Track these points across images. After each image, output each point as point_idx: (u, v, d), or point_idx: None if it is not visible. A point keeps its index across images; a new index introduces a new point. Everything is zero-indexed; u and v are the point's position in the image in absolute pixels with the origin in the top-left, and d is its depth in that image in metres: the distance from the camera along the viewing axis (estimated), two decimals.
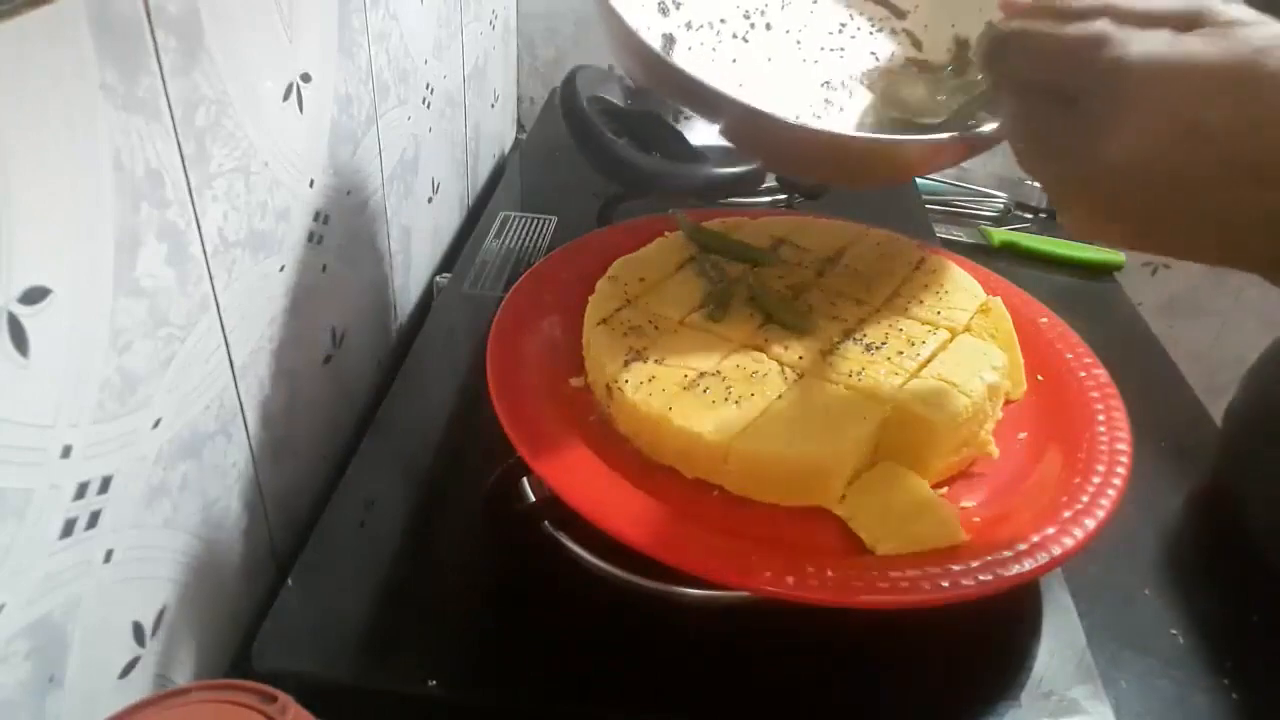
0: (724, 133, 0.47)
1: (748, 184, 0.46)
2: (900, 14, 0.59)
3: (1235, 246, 0.35)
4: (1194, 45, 0.33)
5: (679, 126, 0.47)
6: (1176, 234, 0.35)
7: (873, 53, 0.56)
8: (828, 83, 0.53)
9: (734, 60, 0.54)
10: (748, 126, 0.46)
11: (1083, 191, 0.36)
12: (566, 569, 0.51)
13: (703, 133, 0.62)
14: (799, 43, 0.56)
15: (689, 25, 0.55)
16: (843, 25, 0.57)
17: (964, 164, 1.15)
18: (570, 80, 0.45)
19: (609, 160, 0.44)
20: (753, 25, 0.56)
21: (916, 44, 0.57)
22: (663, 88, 0.48)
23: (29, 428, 0.36)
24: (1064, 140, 0.36)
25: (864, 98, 0.54)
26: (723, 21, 0.55)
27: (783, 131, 0.45)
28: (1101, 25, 0.34)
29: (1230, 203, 0.33)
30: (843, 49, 0.56)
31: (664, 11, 0.55)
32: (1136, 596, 0.58)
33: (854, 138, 0.48)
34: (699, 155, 0.51)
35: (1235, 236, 0.34)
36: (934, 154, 0.49)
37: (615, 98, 0.46)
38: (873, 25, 0.58)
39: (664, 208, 0.69)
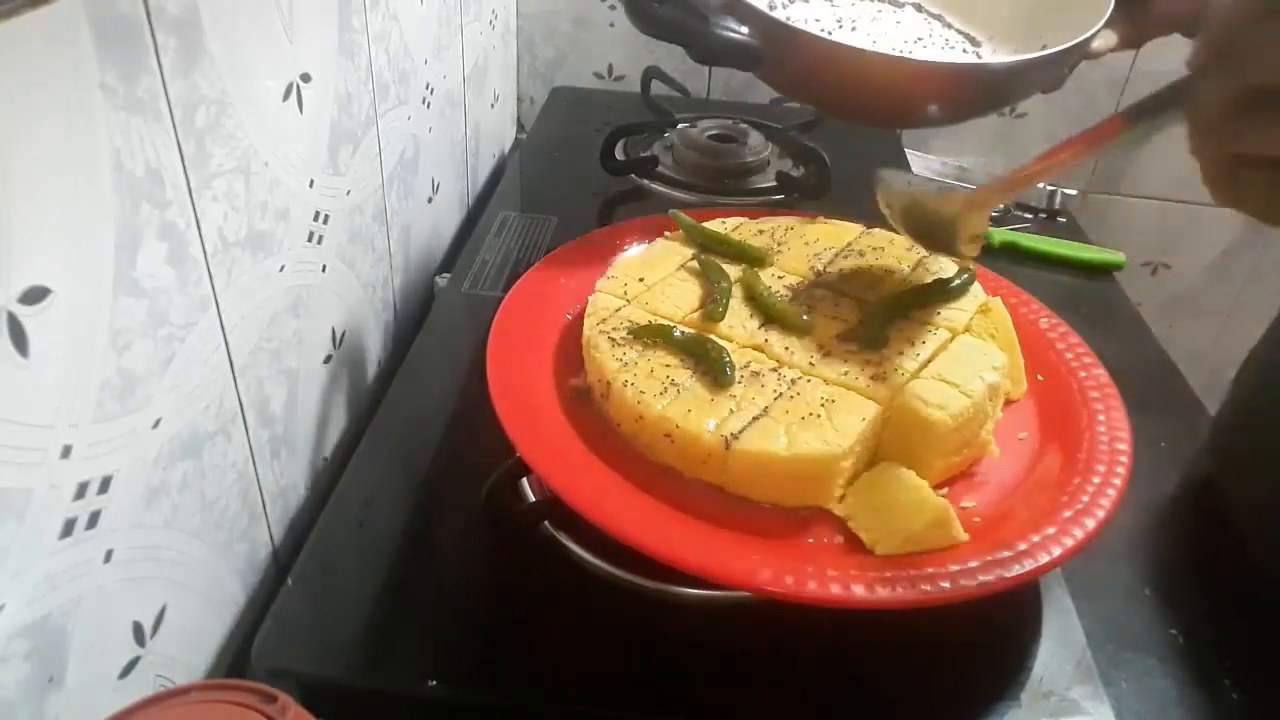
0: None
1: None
2: (975, 42, 0.63)
3: None
4: None
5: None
6: None
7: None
8: None
9: None
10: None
11: None
12: (566, 569, 0.51)
13: None
14: (874, 41, 0.60)
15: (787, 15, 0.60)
16: (920, 39, 0.61)
17: (964, 163, 1.16)
18: None
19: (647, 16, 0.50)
20: (840, 26, 0.61)
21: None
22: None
23: (29, 428, 0.36)
24: None
25: None
26: (817, 20, 0.60)
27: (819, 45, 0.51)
28: None
29: None
30: (910, 52, 0.60)
31: (771, 7, 0.60)
32: (1136, 596, 0.58)
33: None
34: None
35: None
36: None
37: None
38: (947, 44, 0.62)
39: (664, 208, 0.69)
